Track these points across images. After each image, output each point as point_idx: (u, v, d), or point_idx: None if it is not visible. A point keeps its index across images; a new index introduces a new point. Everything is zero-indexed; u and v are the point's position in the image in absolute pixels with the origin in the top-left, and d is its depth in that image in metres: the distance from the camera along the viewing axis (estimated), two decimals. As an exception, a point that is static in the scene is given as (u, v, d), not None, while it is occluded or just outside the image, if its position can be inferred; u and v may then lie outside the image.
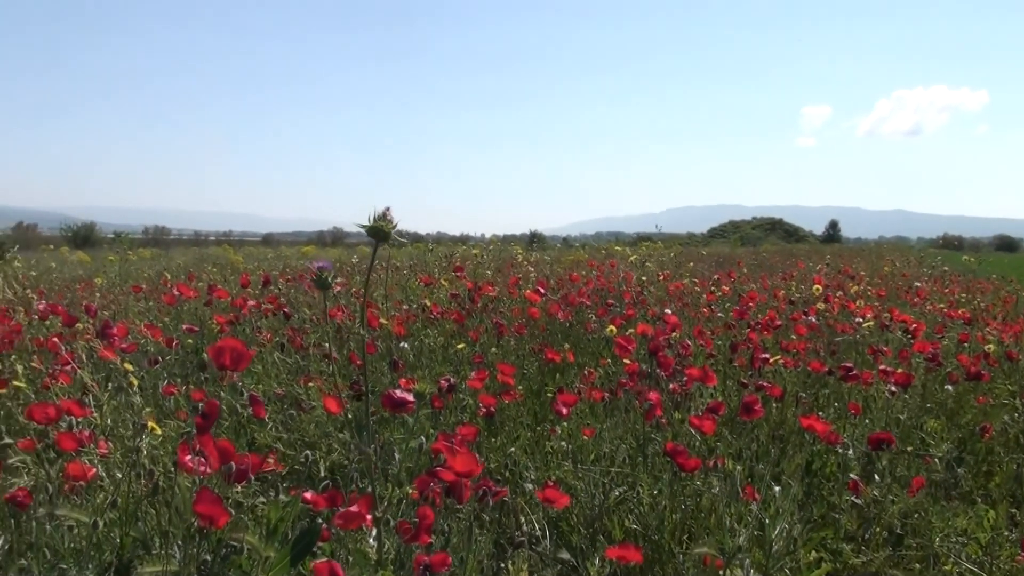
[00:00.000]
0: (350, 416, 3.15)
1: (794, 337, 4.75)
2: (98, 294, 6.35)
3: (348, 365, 4.04)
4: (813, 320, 5.32)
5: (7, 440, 2.11)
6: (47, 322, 3.88)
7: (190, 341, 4.07)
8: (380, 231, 1.60)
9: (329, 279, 1.62)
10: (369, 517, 1.79)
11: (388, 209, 1.63)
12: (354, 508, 1.82)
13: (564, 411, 3.04)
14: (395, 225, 1.63)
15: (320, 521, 2.21)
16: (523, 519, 2.86)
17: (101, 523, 1.89)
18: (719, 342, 4.87)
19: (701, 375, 3.35)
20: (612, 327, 4.33)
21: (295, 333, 4.59)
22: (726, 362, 4.40)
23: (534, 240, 38.94)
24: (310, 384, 3.57)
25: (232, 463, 1.81)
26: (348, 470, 3.09)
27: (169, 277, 8.01)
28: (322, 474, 2.79)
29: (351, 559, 2.07)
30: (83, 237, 33.18)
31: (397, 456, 2.09)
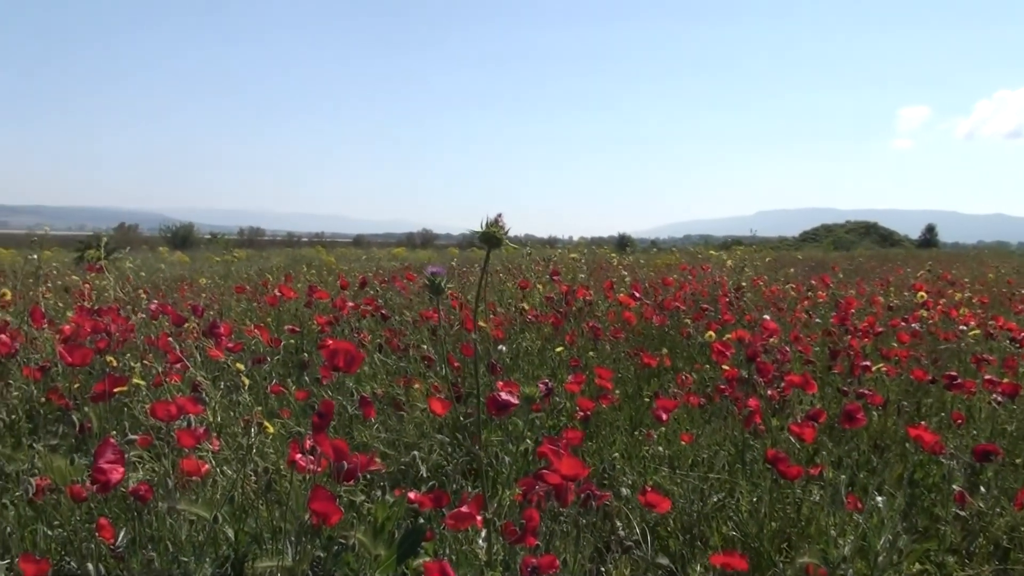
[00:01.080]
0: (454, 418, 3.21)
1: (895, 344, 4.66)
2: (203, 294, 6.52)
3: (447, 367, 4.09)
4: (916, 327, 5.21)
5: (132, 436, 2.18)
6: (156, 321, 4.00)
7: (292, 341, 4.16)
8: (493, 237, 1.62)
9: (442, 284, 1.65)
10: (479, 518, 1.81)
11: (500, 215, 1.66)
12: (465, 509, 1.85)
13: (664, 416, 3.04)
14: (507, 231, 1.65)
15: (424, 521, 2.25)
16: (618, 523, 2.86)
17: (221, 518, 1.95)
18: (817, 348, 4.81)
19: (802, 382, 3.31)
20: (711, 333, 4.31)
21: (392, 334, 4.66)
22: (825, 369, 4.34)
23: (623, 243, 38.78)
24: (414, 386, 3.62)
25: (345, 462, 1.86)
26: (447, 471, 3.13)
27: (271, 279, 8.18)
28: (424, 475, 2.83)
29: (454, 559, 2.10)
30: (181, 238, 34.07)
31: (507, 459, 2.11)
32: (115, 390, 2.36)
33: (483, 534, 1.87)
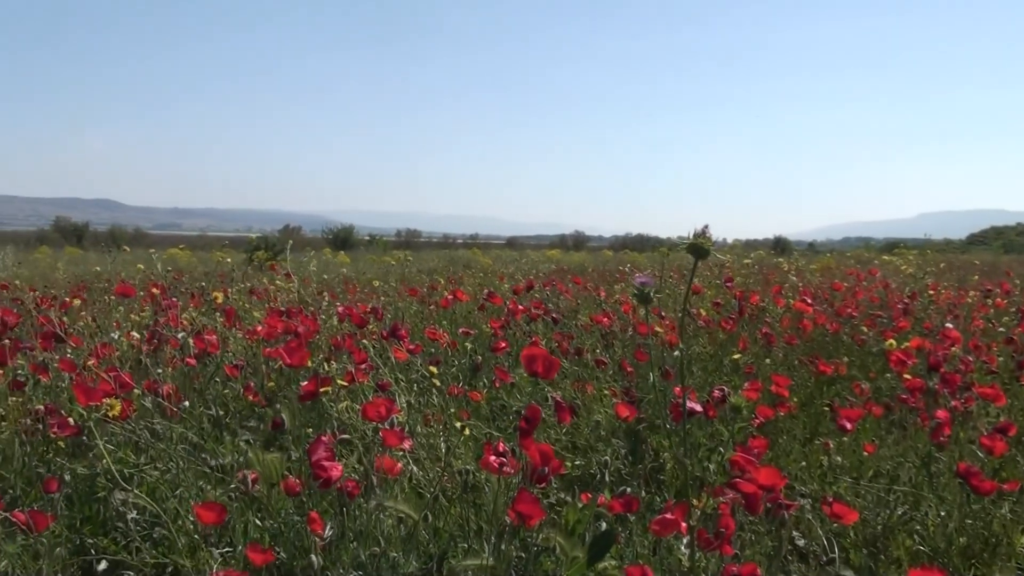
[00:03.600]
0: (628, 423, 3.23)
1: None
2: (382, 297, 6.73)
3: (619, 372, 4.12)
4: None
5: (346, 436, 2.29)
6: (342, 323, 4.15)
7: (467, 345, 4.26)
8: (700, 248, 1.64)
9: (651, 294, 1.68)
10: (684, 525, 1.84)
11: (707, 227, 1.67)
12: (669, 515, 1.88)
13: (848, 426, 2.99)
14: (713, 242, 1.67)
15: (611, 526, 2.29)
16: (796, 534, 2.83)
17: (431, 516, 2.04)
18: (1001, 358, 4.62)
19: (994, 394, 3.21)
20: (891, 341, 4.20)
21: (562, 338, 4.71)
22: (1011, 379, 4.18)
23: (780, 246, 37.97)
24: (590, 391, 3.66)
25: (547, 466, 1.91)
26: (624, 475, 3.16)
27: (443, 282, 8.38)
28: (606, 479, 2.86)
29: (640, 563, 2.13)
30: (342, 239, 35.07)
31: (712, 466, 2.13)
32: (321, 390, 2.48)
33: (685, 540, 1.89)
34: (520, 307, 5.06)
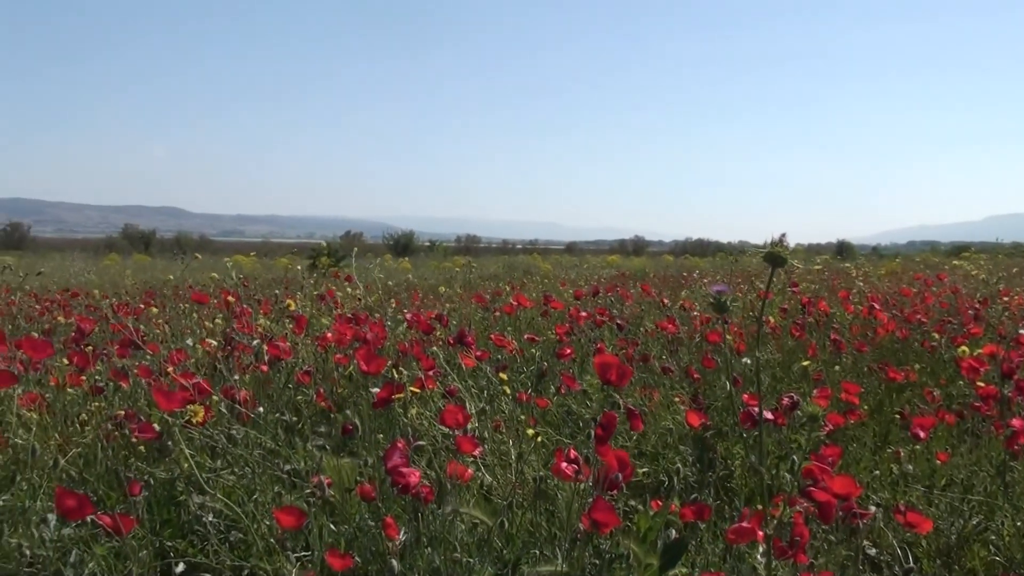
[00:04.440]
0: (694, 430, 3.22)
1: None
2: (448, 304, 6.78)
3: (685, 378, 4.10)
4: None
5: (421, 442, 2.32)
6: (411, 330, 4.19)
7: (535, 351, 4.28)
8: (777, 256, 1.63)
9: (727, 303, 1.68)
10: (760, 533, 1.83)
11: (784, 235, 1.67)
12: (746, 524, 1.88)
13: (921, 434, 2.95)
14: (790, 250, 1.67)
15: (680, 533, 2.29)
16: (866, 543, 2.80)
17: (506, 523, 2.06)
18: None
19: (1074, 403, 3.15)
20: (963, 347, 4.13)
21: (626, 344, 4.71)
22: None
23: (843, 250, 37.47)
24: (656, 398, 3.66)
25: (620, 473, 1.92)
26: (691, 483, 3.15)
27: (507, 288, 8.42)
28: (676, 486, 2.86)
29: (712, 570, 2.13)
30: (403, 245, 35.36)
31: (788, 476, 2.13)
32: (394, 396, 2.51)
33: (761, 549, 1.88)
34: (584, 313, 5.06)
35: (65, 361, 3.15)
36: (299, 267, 8.70)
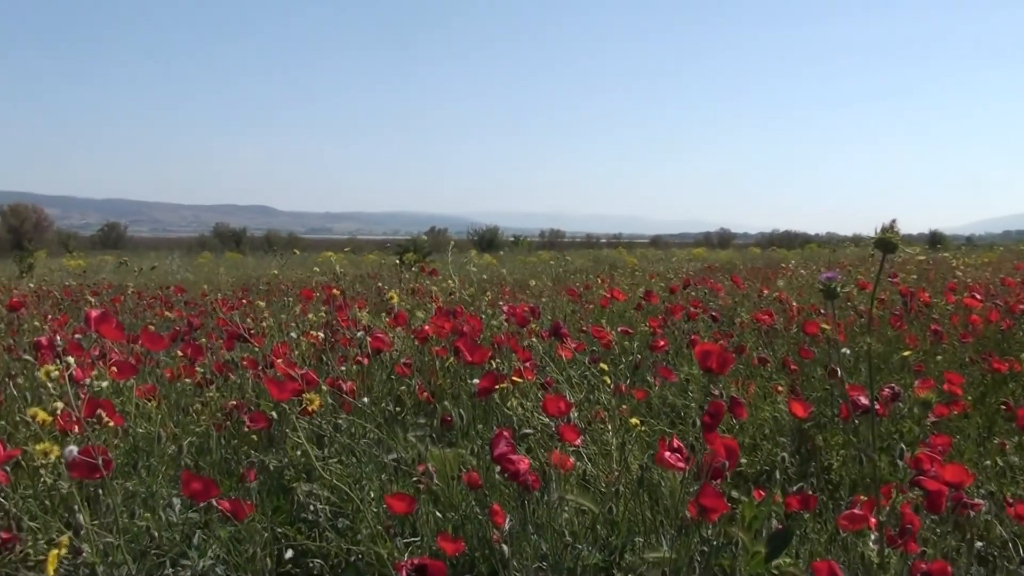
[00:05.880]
0: (793, 421, 3.21)
1: None
2: (544, 297, 6.83)
3: (781, 370, 4.07)
4: None
5: (528, 430, 2.36)
6: (507, 322, 4.22)
7: (627, 343, 4.29)
8: (888, 243, 1.63)
9: (838, 289, 1.68)
10: (872, 520, 1.83)
11: (894, 221, 1.67)
12: (858, 511, 1.87)
13: (1034, 426, 2.89)
14: (900, 236, 1.66)
15: (782, 523, 2.28)
16: (968, 534, 2.76)
17: (615, 509, 2.08)
18: None
19: None
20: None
21: (720, 335, 4.69)
22: None
23: (936, 240, 36.59)
24: (751, 390, 3.64)
25: (729, 461, 1.93)
26: (789, 473, 3.13)
27: (599, 281, 8.44)
28: (778, 477, 2.85)
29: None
30: (488, 240, 35.54)
31: (902, 463, 2.11)
32: (496, 387, 2.55)
33: (873, 536, 1.88)
34: (678, 306, 5.05)
35: (179, 353, 3.26)
36: (397, 261, 8.84)
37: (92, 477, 1.74)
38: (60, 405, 1.77)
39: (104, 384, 2.15)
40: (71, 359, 1.78)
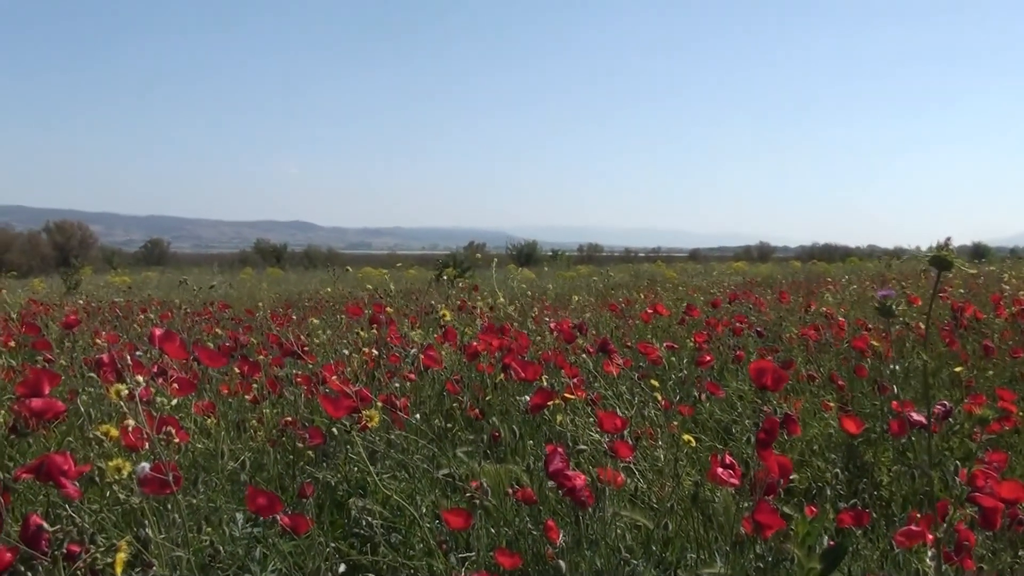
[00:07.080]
0: (843, 437, 3.21)
1: None
2: (588, 312, 6.85)
3: (829, 385, 4.06)
4: None
5: (583, 446, 2.39)
6: (553, 338, 4.26)
7: (673, 358, 4.30)
8: (944, 260, 1.64)
9: (894, 307, 1.69)
10: (930, 536, 1.84)
11: (949, 239, 1.68)
12: (915, 527, 1.88)
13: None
14: (956, 254, 1.67)
15: (833, 539, 2.29)
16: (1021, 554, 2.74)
17: (670, 525, 2.10)
18: None
19: None
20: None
21: (768, 351, 4.69)
22: None
23: (979, 252, 36.15)
24: (797, 406, 3.64)
25: (783, 478, 1.94)
26: (839, 490, 3.13)
27: (641, 297, 8.45)
28: (829, 493, 2.85)
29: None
30: (526, 255, 35.57)
31: (956, 480, 2.11)
32: (548, 403, 2.58)
33: (930, 553, 1.88)
34: (722, 321, 5.06)
35: (235, 370, 3.31)
36: (427, 278, 8.90)
37: (162, 492, 1.79)
38: (131, 423, 1.82)
39: (174, 402, 2.20)
40: (140, 378, 1.83)
